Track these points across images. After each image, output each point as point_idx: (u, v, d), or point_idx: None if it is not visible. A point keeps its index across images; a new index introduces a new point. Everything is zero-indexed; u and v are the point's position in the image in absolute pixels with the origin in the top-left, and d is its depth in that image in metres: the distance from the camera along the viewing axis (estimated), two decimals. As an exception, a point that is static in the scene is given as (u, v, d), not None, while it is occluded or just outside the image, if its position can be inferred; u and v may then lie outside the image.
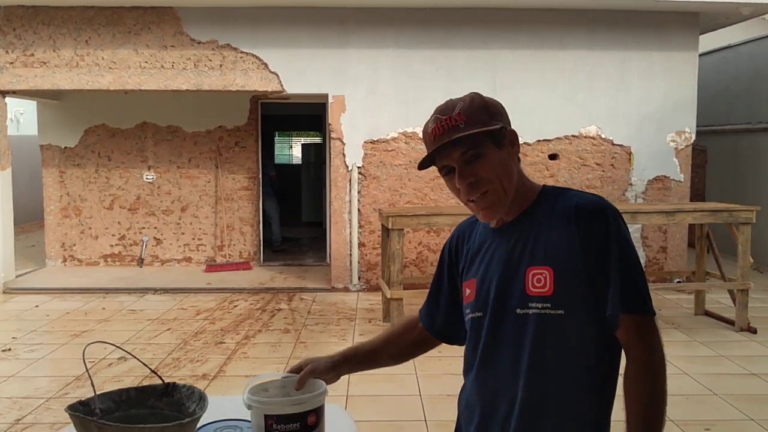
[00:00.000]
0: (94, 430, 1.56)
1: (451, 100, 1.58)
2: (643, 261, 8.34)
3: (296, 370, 1.78)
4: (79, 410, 1.64)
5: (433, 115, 1.57)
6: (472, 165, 1.52)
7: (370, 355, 1.88)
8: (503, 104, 1.62)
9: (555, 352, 1.48)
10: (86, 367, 1.71)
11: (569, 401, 1.50)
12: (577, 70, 8.21)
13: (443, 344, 1.87)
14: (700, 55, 8.45)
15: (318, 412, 1.66)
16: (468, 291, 1.65)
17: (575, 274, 1.47)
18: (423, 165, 1.60)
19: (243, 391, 1.69)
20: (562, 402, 1.50)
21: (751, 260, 6.45)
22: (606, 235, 1.47)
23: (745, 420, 4.38)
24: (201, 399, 1.74)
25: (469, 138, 1.50)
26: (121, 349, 1.87)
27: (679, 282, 8.11)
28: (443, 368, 4.90)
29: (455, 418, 1.74)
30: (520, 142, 1.64)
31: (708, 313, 6.96)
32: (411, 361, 1.94)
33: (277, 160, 16.93)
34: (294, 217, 13.07)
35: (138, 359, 1.88)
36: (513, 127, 1.61)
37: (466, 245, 1.70)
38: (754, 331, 6.30)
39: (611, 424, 1.58)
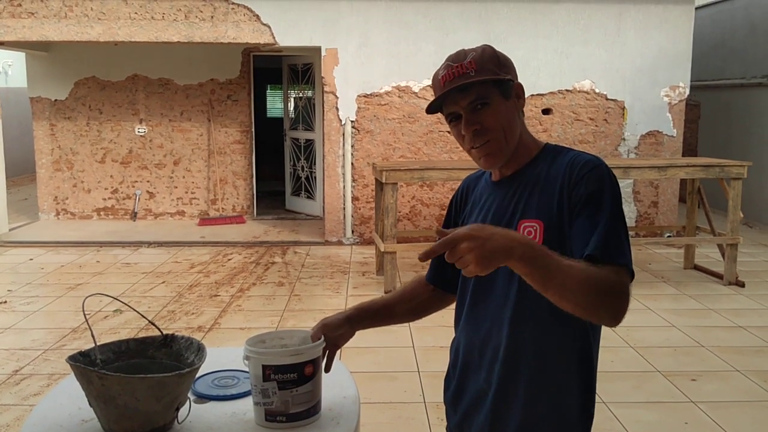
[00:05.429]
0: (94, 379, 1.58)
1: (463, 49, 1.60)
2: (634, 216, 8.39)
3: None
4: (80, 361, 1.67)
5: (444, 62, 1.59)
6: (479, 113, 1.55)
7: (385, 311, 1.88)
8: None
9: (538, 303, 1.47)
10: (86, 319, 1.74)
11: (551, 351, 1.53)
12: (571, 22, 8.12)
13: None
14: (695, 8, 8.37)
15: (315, 363, 1.70)
16: None
17: (562, 228, 1.49)
18: (430, 109, 1.62)
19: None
20: (544, 351, 1.53)
21: (741, 215, 6.51)
22: (593, 187, 1.46)
23: (731, 371, 4.48)
24: (199, 350, 1.76)
25: (477, 86, 1.53)
26: (120, 300, 1.89)
27: (669, 236, 8.19)
28: (436, 320, 4.89)
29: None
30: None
31: (697, 267, 7.05)
32: None
33: (269, 114, 16.77)
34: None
35: (136, 311, 1.91)
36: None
37: (471, 197, 1.74)
38: (742, 285, 6.39)
39: (597, 376, 1.61)
